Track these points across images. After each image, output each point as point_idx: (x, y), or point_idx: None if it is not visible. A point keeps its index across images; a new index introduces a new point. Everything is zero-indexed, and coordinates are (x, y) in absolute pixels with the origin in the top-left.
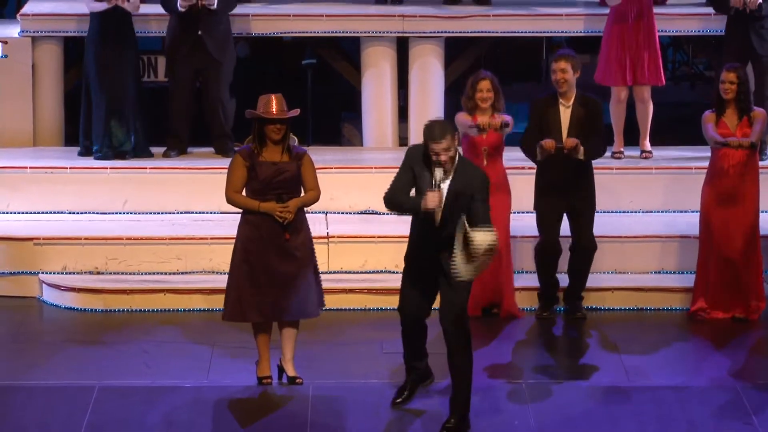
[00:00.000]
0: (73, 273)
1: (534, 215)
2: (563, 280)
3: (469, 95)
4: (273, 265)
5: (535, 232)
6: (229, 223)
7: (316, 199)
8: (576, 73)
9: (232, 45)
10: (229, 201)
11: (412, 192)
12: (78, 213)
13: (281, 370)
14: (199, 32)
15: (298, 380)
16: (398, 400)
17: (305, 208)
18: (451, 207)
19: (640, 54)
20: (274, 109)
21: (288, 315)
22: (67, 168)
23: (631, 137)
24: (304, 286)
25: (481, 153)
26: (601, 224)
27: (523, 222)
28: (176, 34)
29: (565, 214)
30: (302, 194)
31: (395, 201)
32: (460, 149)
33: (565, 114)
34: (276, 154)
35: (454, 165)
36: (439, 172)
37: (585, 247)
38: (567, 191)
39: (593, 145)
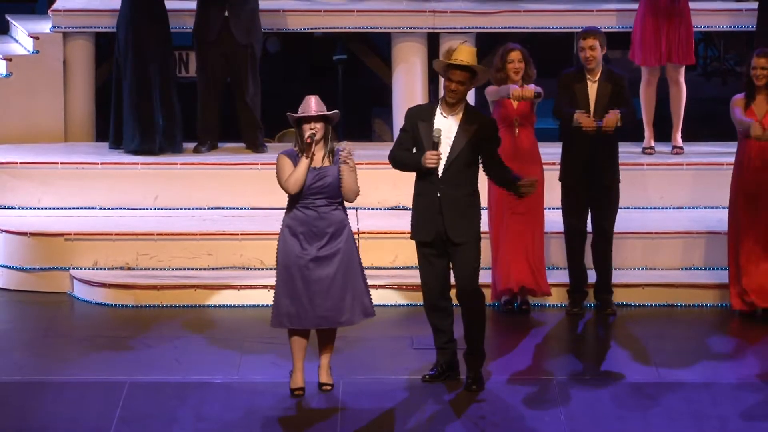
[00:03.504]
0: (104, 268)
1: (561, 211)
2: (592, 276)
3: (498, 67)
4: (308, 270)
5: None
6: (260, 219)
7: (352, 188)
8: (603, 50)
9: (259, 27)
10: (287, 185)
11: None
12: (109, 208)
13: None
14: (226, 13)
15: (325, 387)
16: (427, 376)
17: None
18: (458, 154)
19: (674, 34)
20: (310, 108)
21: (324, 323)
22: (98, 163)
23: (662, 132)
24: (341, 292)
25: (513, 123)
26: (632, 220)
27: (552, 218)
28: (204, 16)
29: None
30: (344, 200)
31: (397, 158)
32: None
33: (592, 89)
34: (317, 159)
35: (461, 104)
36: (437, 132)
37: (607, 231)
38: (594, 172)
39: (626, 112)
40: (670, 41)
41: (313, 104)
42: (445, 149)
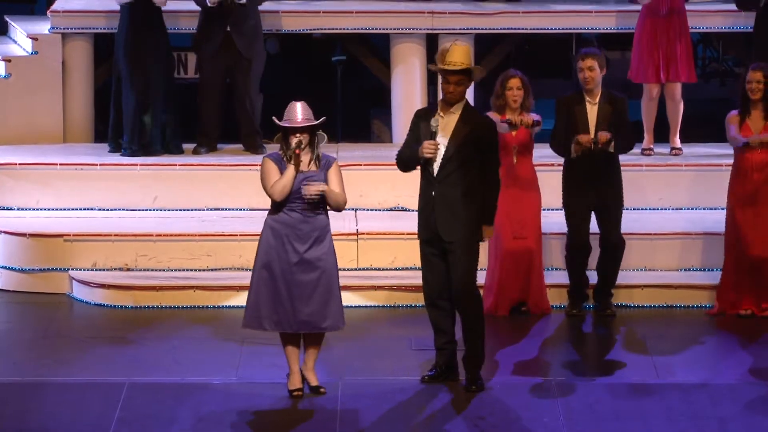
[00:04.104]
0: (103, 269)
1: (562, 212)
2: (592, 277)
3: (498, 93)
4: (292, 274)
5: (564, 229)
6: (259, 220)
7: (339, 198)
8: (602, 71)
9: (261, 41)
10: (273, 192)
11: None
12: (108, 209)
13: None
14: (228, 29)
15: (321, 390)
16: (426, 376)
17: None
18: (453, 153)
19: (673, 51)
20: (296, 117)
21: (306, 328)
22: (97, 165)
23: (661, 134)
24: (324, 297)
25: (511, 151)
26: (630, 221)
27: (552, 219)
28: (205, 30)
29: (593, 211)
30: (328, 207)
31: (399, 156)
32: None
33: (592, 111)
34: (303, 163)
35: (460, 103)
36: (434, 122)
37: (614, 244)
38: (595, 187)
39: (623, 138)
40: (668, 59)
41: (299, 112)
42: (440, 149)
